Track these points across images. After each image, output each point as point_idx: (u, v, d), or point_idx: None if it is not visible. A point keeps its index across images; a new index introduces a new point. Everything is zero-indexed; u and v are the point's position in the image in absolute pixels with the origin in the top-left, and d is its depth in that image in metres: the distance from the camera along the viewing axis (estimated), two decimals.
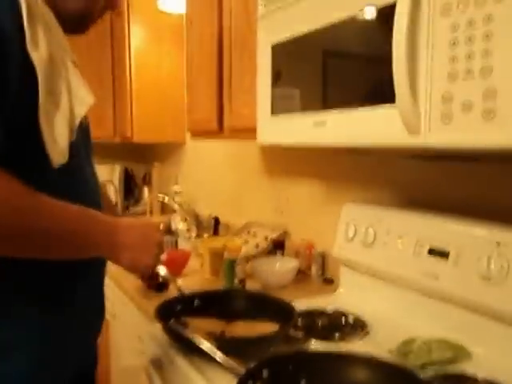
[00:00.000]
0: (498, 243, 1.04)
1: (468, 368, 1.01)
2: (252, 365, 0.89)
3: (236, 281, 1.51)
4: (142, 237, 0.97)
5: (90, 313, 1.01)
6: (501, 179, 1.18)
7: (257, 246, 1.93)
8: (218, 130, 1.78)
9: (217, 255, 1.62)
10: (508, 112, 0.72)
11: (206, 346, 0.94)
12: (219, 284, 1.59)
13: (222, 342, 0.99)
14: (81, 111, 0.87)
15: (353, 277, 1.49)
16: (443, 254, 1.16)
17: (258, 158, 2.20)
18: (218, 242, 1.74)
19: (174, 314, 1.20)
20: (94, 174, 1.04)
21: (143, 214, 2.99)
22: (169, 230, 2.62)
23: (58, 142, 0.81)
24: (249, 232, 2.09)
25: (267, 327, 1.14)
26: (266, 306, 1.24)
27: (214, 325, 1.17)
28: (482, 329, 1.08)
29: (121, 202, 3.19)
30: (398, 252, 1.28)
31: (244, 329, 1.13)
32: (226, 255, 1.54)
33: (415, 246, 1.24)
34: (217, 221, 2.32)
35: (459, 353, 1.08)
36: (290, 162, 1.96)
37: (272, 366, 0.89)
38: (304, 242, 1.75)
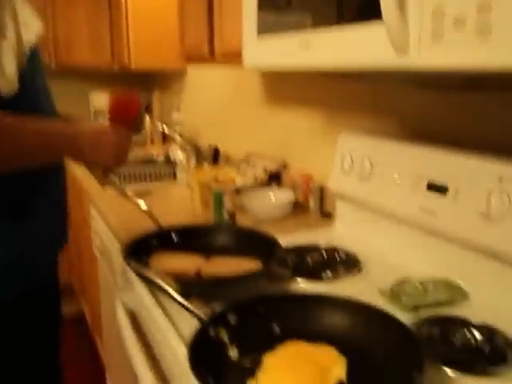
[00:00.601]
0: (500, 178, 0.92)
1: (464, 310, 0.93)
2: (217, 309, 0.82)
3: (225, 215, 1.45)
4: (97, 141, 1.06)
5: (52, 227, 1.12)
6: (506, 110, 1.05)
7: (255, 177, 1.86)
8: (210, 55, 1.70)
9: (207, 187, 1.55)
10: (505, 27, 0.60)
11: (167, 287, 0.88)
12: (210, 218, 1.53)
13: (189, 284, 0.92)
14: (30, 39, 0.91)
15: (349, 211, 1.39)
16: (442, 190, 1.05)
17: (258, 87, 2.08)
18: (208, 174, 1.66)
19: (150, 249, 1.14)
20: (51, 102, 1.02)
21: (144, 143, 2.92)
22: (168, 160, 2.56)
23: (5, 71, 0.80)
24: (248, 163, 2.01)
25: (248, 265, 1.07)
26: (250, 241, 1.15)
27: (192, 261, 1.11)
28: (481, 269, 0.98)
29: None
30: (396, 186, 1.17)
31: (223, 266, 1.06)
32: (214, 187, 1.46)
33: (413, 180, 1.12)
34: (216, 151, 2.23)
35: (456, 294, 0.99)
36: (290, 90, 1.85)
37: (240, 311, 0.81)
38: (302, 175, 1.66)
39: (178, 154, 2.30)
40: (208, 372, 0.70)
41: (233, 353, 0.79)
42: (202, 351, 0.73)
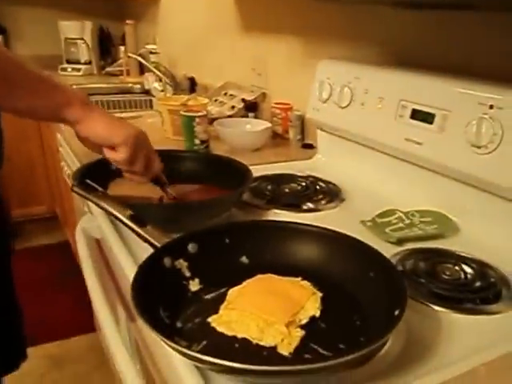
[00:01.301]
0: (492, 106, 0.81)
1: (453, 244, 0.83)
2: (174, 237, 0.70)
3: (197, 141, 1.31)
4: (115, 118, 0.84)
5: None
6: (498, 32, 0.91)
7: (232, 107, 1.72)
8: None
9: (176, 114, 1.40)
10: None
11: (117, 213, 0.75)
12: (181, 145, 1.39)
13: (143, 209, 0.79)
14: None
15: (330, 141, 1.26)
16: (428, 118, 0.93)
17: (234, 14, 1.90)
18: (178, 100, 1.50)
19: (110, 175, 1.01)
20: None
21: (120, 74, 2.72)
22: (144, 91, 2.39)
23: None
24: (226, 94, 1.85)
25: (218, 193, 0.96)
26: (221, 169, 1.02)
27: (155, 188, 0.98)
28: (471, 201, 0.88)
29: (96, 61, 2.91)
30: (378, 115, 1.05)
31: (189, 194, 0.94)
32: (183, 112, 1.31)
33: (397, 107, 1.00)
34: (193, 81, 2.06)
35: (445, 227, 0.89)
36: (266, 17, 1.69)
37: (203, 240, 0.70)
38: (280, 104, 1.52)
39: (154, 84, 2.13)
40: (157, 305, 0.59)
41: (193, 286, 0.68)
42: (152, 282, 0.61)
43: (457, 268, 0.75)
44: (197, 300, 0.65)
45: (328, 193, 1.07)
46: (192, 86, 2.07)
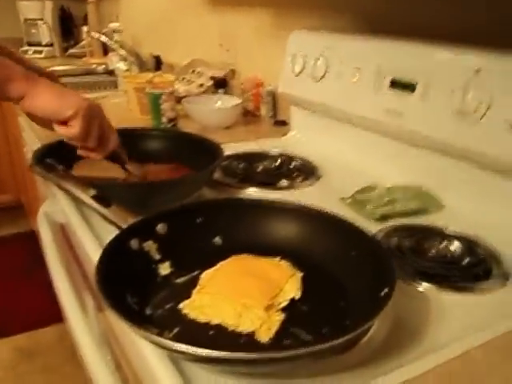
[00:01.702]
0: (477, 71, 0.75)
1: (438, 220, 0.79)
2: (142, 217, 0.64)
3: (164, 120, 1.24)
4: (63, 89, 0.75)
5: None
6: None
7: (201, 85, 1.64)
8: None
9: (142, 92, 1.32)
10: None
11: (79, 192, 0.69)
12: (149, 125, 1.31)
13: (107, 188, 0.72)
14: None
15: (304, 117, 1.21)
16: (408, 87, 0.88)
17: None
18: (144, 77, 1.43)
19: (74, 155, 0.93)
20: None
21: (83, 55, 2.60)
22: (109, 71, 2.29)
23: None
24: (193, 71, 1.78)
25: (187, 172, 0.90)
26: (191, 147, 0.96)
27: (121, 168, 0.92)
28: (456, 174, 0.84)
29: (58, 42, 2.78)
30: (355, 86, 0.99)
31: (157, 174, 0.88)
32: (149, 90, 1.24)
33: (375, 77, 0.94)
34: (158, 60, 1.98)
35: (428, 202, 0.85)
36: None
37: (173, 220, 0.64)
38: (251, 80, 1.46)
39: (119, 64, 2.03)
40: (124, 291, 0.53)
41: (164, 270, 0.62)
42: (118, 266, 0.55)
43: (443, 245, 0.72)
44: (167, 284, 0.60)
45: (304, 170, 1.03)
46: (158, 64, 1.99)
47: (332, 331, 0.52)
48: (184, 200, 0.79)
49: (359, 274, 0.58)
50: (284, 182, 0.97)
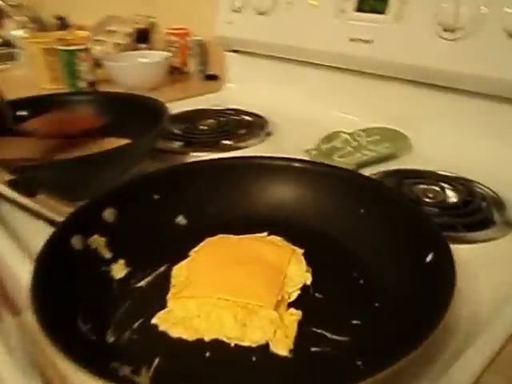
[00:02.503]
0: None
1: (417, 163, 0.65)
2: (82, 204, 0.46)
3: (83, 84, 1.00)
4: None
5: None
6: None
7: (116, 45, 1.40)
8: None
9: (52, 54, 1.07)
10: None
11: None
12: None
13: (24, 170, 0.51)
14: None
15: (244, 65, 1.02)
16: (379, 7, 0.71)
17: None
18: (51, 36, 1.16)
19: None
20: None
21: None
22: (5, 43, 1.94)
23: None
24: (107, 31, 1.51)
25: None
26: (123, 111, 0.76)
27: (41, 145, 0.70)
28: (428, 108, 0.71)
29: None
30: (311, 15, 0.81)
31: (84, 149, 0.68)
32: (62, 47, 0.99)
33: (336, 2, 0.76)
34: (63, 22, 1.68)
35: (399, 143, 0.71)
36: None
37: (122, 201, 0.45)
38: (175, 30, 1.23)
39: (16, 32, 1.70)
40: (72, 316, 0.35)
41: (118, 272, 0.44)
42: (58, 280, 0.37)
43: (437, 189, 0.58)
44: (127, 292, 0.42)
45: (251, 126, 0.85)
46: (63, 28, 1.69)
47: (364, 321, 0.37)
48: (124, 176, 0.60)
49: (374, 237, 0.43)
50: (232, 141, 0.79)
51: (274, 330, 0.35)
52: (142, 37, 1.28)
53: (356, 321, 0.37)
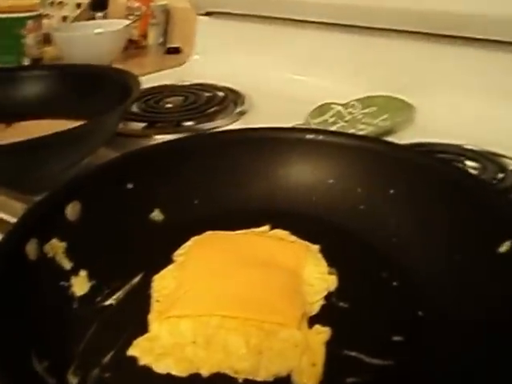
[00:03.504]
0: None
1: (418, 137, 0.56)
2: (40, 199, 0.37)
3: (26, 60, 0.89)
4: None
5: None
6: None
7: (64, 18, 1.27)
8: None
9: None
10: None
11: None
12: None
13: None
14: None
15: (218, 30, 0.91)
16: None
17: None
18: None
19: None
20: None
21: None
22: None
23: None
24: (52, 3, 1.38)
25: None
26: (78, 87, 0.66)
27: None
28: (436, 67, 0.63)
29: None
30: None
31: (32, 133, 0.57)
32: (2, 15, 0.86)
33: None
34: None
35: (400, 113, 0.63)
36: None
37: (90, 193, 0.37)
38: None
39: None
40: (26, 352, 0.27)
41: (79, 287, 0.35)
42: (10, 306, 0.28)
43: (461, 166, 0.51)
44: (92, 313, 0.33)
45: (226, 102, 0.76)
46: None
47: (408, 337, 0.29)
48: (77, 166, 0.50)
49: (413, 225, 0.35)
50: (202, 120, 0.71)
51: (299, 357, 0.27)
52: (99, 3, 1.16)
53: (398, 337, 0.30)
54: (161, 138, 0.64)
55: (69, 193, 0.36)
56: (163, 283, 0.33)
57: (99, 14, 1.15)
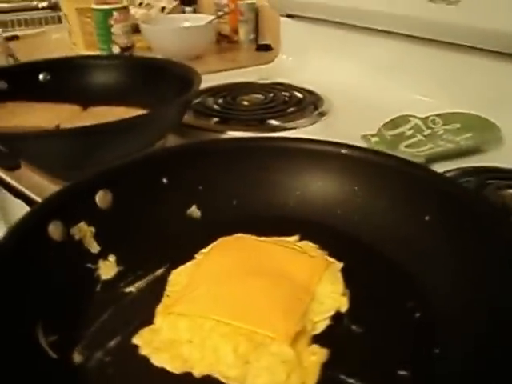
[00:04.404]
0: None
1: (501, 160, 0.54)
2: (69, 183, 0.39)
3: (116, 49, 0.96)
4: None
5: None
6: None
7: (162, 9, 1.35)
8: None
9: (88, 15, 1.02)
10: None
11: None
12: None
13: (12, 141, 0.45)
14: None
15: (301, 33, 0.93)
16: None
17: None
18: None
19: None
20: None
21: None
22: (53, 7, 1.95)
23: None
24: None
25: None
26: (151, 79, 0.69)
27: (57, 113, 0.66)
28: None
29: None
30: None
31: (101, 118, 0.62)
32: (94, 6, 0.95)
33: None
34: None
35: (485, 134, 0.61)
36: None
37: (121, 182, 0.39)
38: None
39: None
40: (32, 321, 0.30)
41: (106, 271, 0.38)
42: (23, 273, 0.31)
43: None
44: (111, 297, 0.35)
45: (304, 104, 0.77)
46: None
47: (416, 374, 0.29)
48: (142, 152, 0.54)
49: (445, 256, 0.34)
50: (277, 120, 0.72)
51: (287, 374, 0.27)
52: None
53: (404, 371, 0.29)
54: (233, 135, 0.67)
55: (99, 181, 0.39)
56: (177, 279, 0.35)
57: (188, 9, 1.20)
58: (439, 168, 0.53)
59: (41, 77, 0.72)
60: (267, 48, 1.10)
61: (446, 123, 0.65)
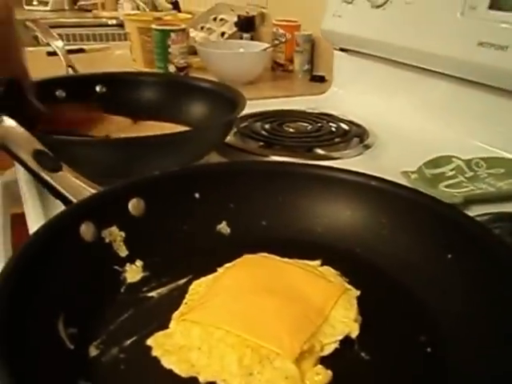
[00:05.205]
0: None
1: None
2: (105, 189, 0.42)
3: (172, 68, 1.01)
4: None
5: None
6: None
7: (222, 34, 1.41)
8: None
9: (148, 34, 1.09)
10: None
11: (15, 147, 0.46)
12: None
13: (58, 145, 0.48)
14: None
15: (352, 67, 0.95)
16: None
17: None
18: (150, 15, 1.19)
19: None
20: None
21: (94, 8, 2.39)
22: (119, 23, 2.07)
23: None
24: (215, 19, 1.54)
25: None
26: (198, 98, 0.73)
27: (106, 125, 0.70)
28: None
29: None
30: (432, 12, 0.73)
31: (148, 131, 0.66)
32: (155, 26, 1.00)
33: None
34: (176, 5, 1.74)
35: None
36: None
37: (154, 193, 0.42)
38: (284, 22, 1.20)
39: (128, 9, 1.81)
40: (53, 312, 0.32)
41: (132, 274, 0.40)
42: (52, 267, 0.34)
43: None
44: (133, 300, 0.38)
45: (349, 135, 0.79)
46: (175, 9, 1.75)
47: None
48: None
49: (463, 295, 0.34)
50: (322, 150, 0.74)
51: None
52: (247, 25, 1.27)
53: None
54: (276, 160, 0.69)
55: (133, 189, 0.42)
56: (197, 289, 0.37)
57: (246, 35, 1.25)
58: (477, 210, 0.53)
59: (97, 88, 0.77)
60: (321, 79, 1.13)
61: (490, 167, 0.65)
